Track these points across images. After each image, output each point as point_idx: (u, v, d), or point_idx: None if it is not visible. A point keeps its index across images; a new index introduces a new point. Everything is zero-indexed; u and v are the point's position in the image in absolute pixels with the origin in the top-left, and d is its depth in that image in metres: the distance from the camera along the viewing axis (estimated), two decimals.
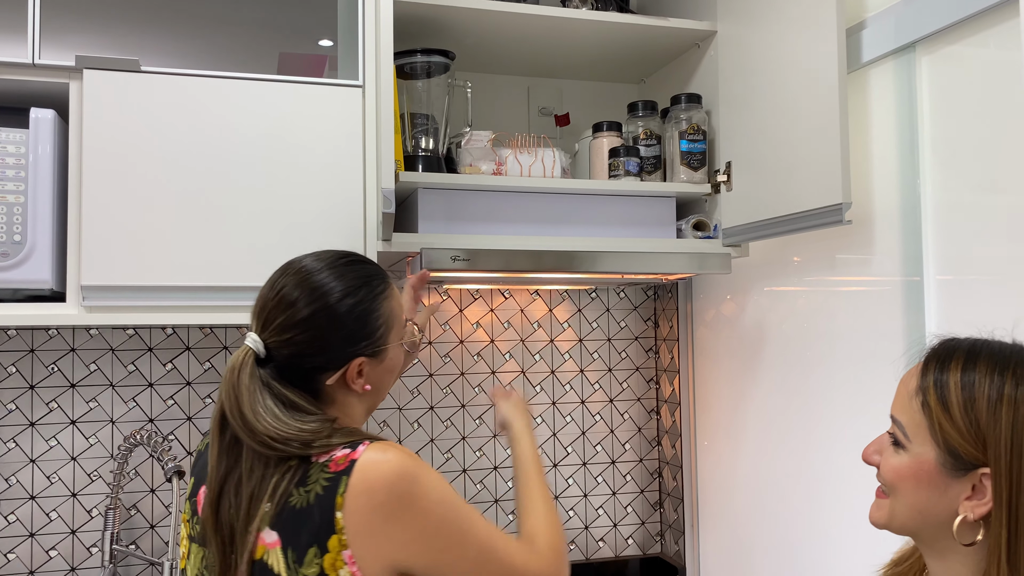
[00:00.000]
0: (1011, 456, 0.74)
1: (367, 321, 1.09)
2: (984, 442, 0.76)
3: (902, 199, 1.34)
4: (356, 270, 1.11)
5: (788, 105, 1.47)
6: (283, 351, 1.06)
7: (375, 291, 1.10)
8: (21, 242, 1.37)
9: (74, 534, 1.75)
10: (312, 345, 1.05)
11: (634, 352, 2.14)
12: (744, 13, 1.61)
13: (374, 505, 0.97)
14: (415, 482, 0.98)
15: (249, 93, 1.48)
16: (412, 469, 0.99)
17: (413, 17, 1.63)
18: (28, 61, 1.39)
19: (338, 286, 1.08)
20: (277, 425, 1.00)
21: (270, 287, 1.09)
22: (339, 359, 1.07)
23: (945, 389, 0.79)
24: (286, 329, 1.05)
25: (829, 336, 1.51)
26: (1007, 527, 0.74)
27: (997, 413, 0.76)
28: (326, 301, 1.06)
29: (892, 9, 1.34)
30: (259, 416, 1.01)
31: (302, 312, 1.05)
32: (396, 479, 0.98)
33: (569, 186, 1.65)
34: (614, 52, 1.88)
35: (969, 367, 0.79)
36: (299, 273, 1.09)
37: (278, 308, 1.06)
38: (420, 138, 1.67)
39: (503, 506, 2.03)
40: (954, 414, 0.78)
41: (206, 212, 1.45)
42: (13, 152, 1.38)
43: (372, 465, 0.98)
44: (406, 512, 0.98)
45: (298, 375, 1.06)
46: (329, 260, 1.11)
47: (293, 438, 1.00)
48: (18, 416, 1.73)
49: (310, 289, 1.07)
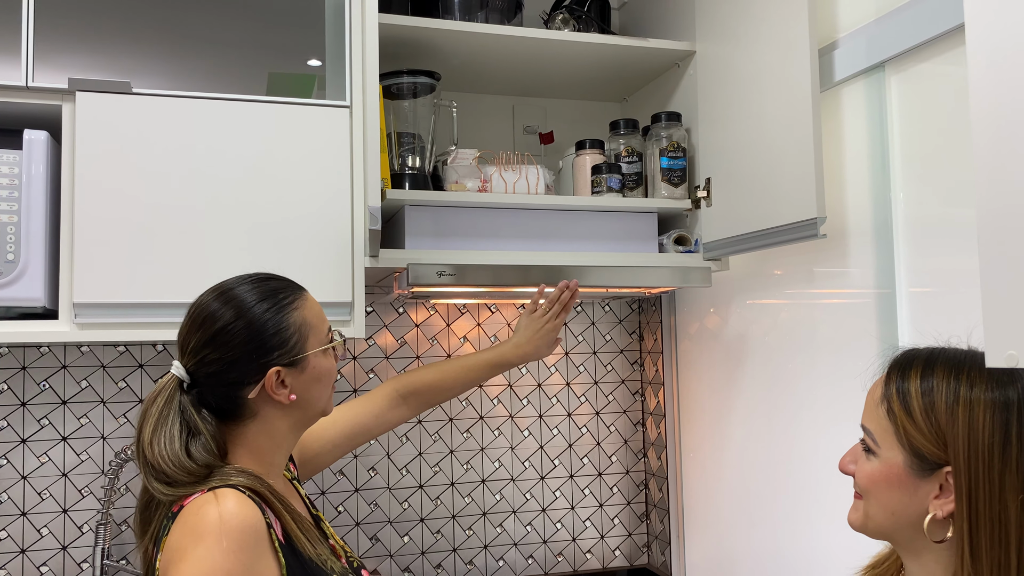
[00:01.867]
0: (969, 453, 0.79)
1: (277, 331, 1.11)
2: (945, 442, 0.80)
3: (875, 213, 1.38)
4: (263, 286, 1.14)
5: (764, 123, 1.51)
6: (202, 371, 1.09)
7: (282, 302, 1.13)
8: (14, 261, 1.40)
9: (65, 550, 1.76)
10: (225, 360, 1.08)
11: (619, 365, 2.17)
12: (722, 34, 1.66)
13: (169, 547, 1.01)
14: (194, 543, 0.97)
15: (238, 113, 1.51)
16: (207, 530, 0.97)
17: (400, 39, 1.67)
18: (22, 84, 1.42)
19: (245, 300, 1.11)
20: (167, 451, 1.04)
21: (186, 315, 1.14)
22: (254, 370, 1.09)
23: (907, 396, 0.84)
24: (200, 349, 1.09)
25: (809, 347, 1.54)
26: (968, 520, 0.78)
27: (955, 414, 0.80)
28: (233, 315, 1.10)
29: (862, 30, 1.39)
30: (156, 440, 1.04)
31: (211, 329, 1.09)
32: (186, 530, 0.99)
33: (553, 202, 1.69)
34: (596, 72, 1.92)
35: (928, 374, 0.83)
36: (209, 296, 1.13)
37: (191, 331, 1.11)
38: (407, 156, 1.71)
39: (490, 519, 2.05)
40: (916, 418, 0.82)
41: (197, 230, 1.48)
42: (7, 172, 1.41)
43: (187, 513, 1.01)
44: (173, 566, 0.98)
45: (220, 393, 1.10)
46: (238, 279, 1.15)
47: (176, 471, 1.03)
48: (9, 433, 1.75)
49: (216, 308, 1.10)
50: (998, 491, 0.78)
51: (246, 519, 0.99)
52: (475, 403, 2.06)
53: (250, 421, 1.11)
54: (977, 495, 0.78)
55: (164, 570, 1.00)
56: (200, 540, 0.96)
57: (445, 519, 2.02)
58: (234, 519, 0.98)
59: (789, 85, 1.44)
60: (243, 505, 1.00)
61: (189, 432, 1.06)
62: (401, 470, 2.00)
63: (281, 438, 1.15)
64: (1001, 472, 0.78)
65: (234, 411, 1.11)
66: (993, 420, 0.79)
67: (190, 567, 0.95)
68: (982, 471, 0.78)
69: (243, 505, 1.00)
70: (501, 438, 2.07)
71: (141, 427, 1.07)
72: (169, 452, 1.03)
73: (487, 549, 2.05)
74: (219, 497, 1.00)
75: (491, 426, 2.07)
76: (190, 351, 1.10)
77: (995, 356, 0.71)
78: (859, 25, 1.40)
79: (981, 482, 0.78)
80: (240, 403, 1.10)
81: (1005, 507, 0.77)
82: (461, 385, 1.53)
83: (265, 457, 1.13)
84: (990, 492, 0.78)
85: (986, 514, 0.78)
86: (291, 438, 1.17)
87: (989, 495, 0.78)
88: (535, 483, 2.09)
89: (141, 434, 1.06)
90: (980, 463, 0.78)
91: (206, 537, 0.96)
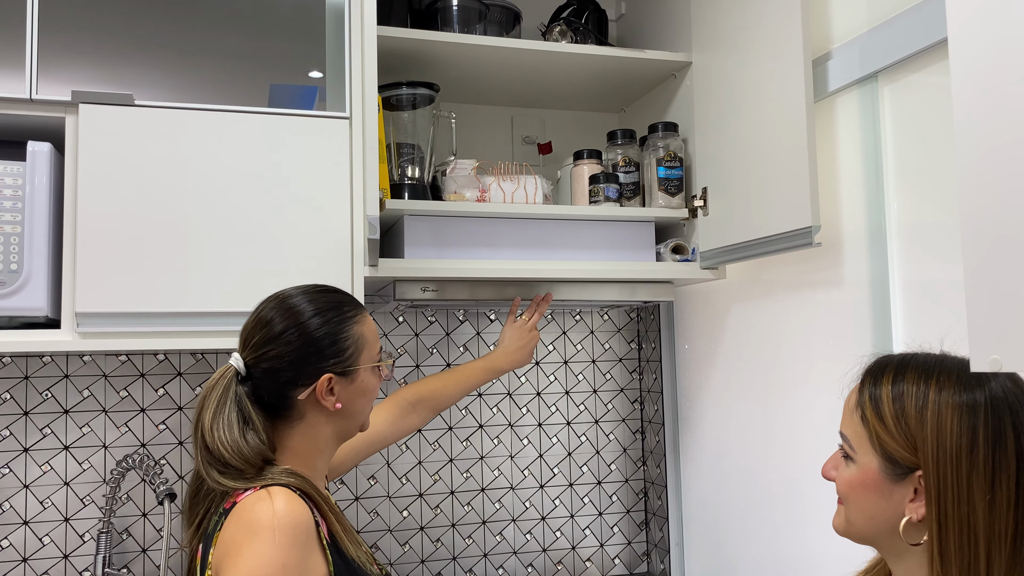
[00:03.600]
0: (937, 456, 0.80)
1: (335, 340, 1.18)
2: (915, 445, 0.81)
3: (869, 221, 1.40)
4: (329, 296, 1.22)
5: (759, 133, 1.53)
6: (260, 367, 1.16)
7: (345, 314, 1.21)
8: (17, 271, 1.42)
9: (67, 559, 1.77)
10: (284, 359, 1.15)
11: (618, 373, 2.18)
12: (717, 45, 1.68)
13: (223, 540, 1.05)
14: (250, 539, 1.01)
15: (239, 125, 1.53)
16: (261, 525, 1.01)
17: (399, 51, 1.69)
18: (26, 96, 1.44)
19: (309, 307, 1.19)
20: (226, 437, 1.09)
21: (253, 313, 1.21)
22: (308, 373, 1.16)
23: (879, 401, 0.85)
24: (261, 346, 1.16)
25: (806, 354, 1.55)
26: (937, 522, 0.80)
27: (923, 418, 0.82)
28: (297, 319, 1.17)
29: (855, 41, 1.41)
30: (216, 425, 1.10)
31: (276, 329, 1.16)
32: (241, 524, 1.03)
33: (551, 212, 1.70)
34: (594, 83, 1.94)
35: (899, 379, 0.85)
36: (277, 298, 1.21)
37: (256, 328, 1.18)
38: (406, 167, 1.72)
39: (490, 528, 2.06)
40: (888, 423, 0.84)
41: (198, 240, 1.49)
42: (11, 184, 1.43)
43: (241, 508, 1.05)
44: (228, 559, 1.02)
45: (272, 390, 1.16)
46: (305, 288, 1.23)
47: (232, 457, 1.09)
48: (12, 442, 1.76)
49: (284, 310, 1.18)
50: (966, 493, 0.78)
51: (298, 516, 1.04)
52: (474, 412, 2.07)
53: (296, 422, 1.17)
54: (946, 497, 0.79)
55: (219, 564, 1.04)
56: (255, 535, 1.01)
57: (445, 527, 2.03)
58: (287, 515, 1.02)
59: (783, 95, 1.45)
60: (294, 502, 1.05)
61: (244, 421, 1.12)
62: (401, 479, 2.01)
63: (324, 444, 1.20)
64: (968, 474, 0.79)
65: (282, 410, 1.17)
66: (960, 423, 0.80)
67: (246, 561, 0.99)
68: (950, 473, 0.79)
69: (294, 502, 1.05)
70: (500, 447, 2.08)
71: (201, 412, 1.13)
72: (228, 437, 1.09)
73: (487, 557, 2.06)
74: (272, 494, 1.05)
75: (491, 435, 2.08)
76: (252, 346, 1.17)
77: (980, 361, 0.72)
78: (852, 36, 1.42)
79: (949, 484, 0.79)
80: (289, 403, 1.16)
81: (973, 508, 0.78)
82: (461, 391, 1.65)
83: (308, 460, 1.19)
84: (958, 494, 0.79)
85: (954, 516, 0.79)
86: (332, 446, 1.23)
87: (957, 497, 0.79)
88: (535, 491, 2.10)
89: (201, 419, 1.12)
90: (948, 466, 0.79)
91: (261, 532, 1.01)
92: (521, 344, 1.70)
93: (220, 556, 1.04)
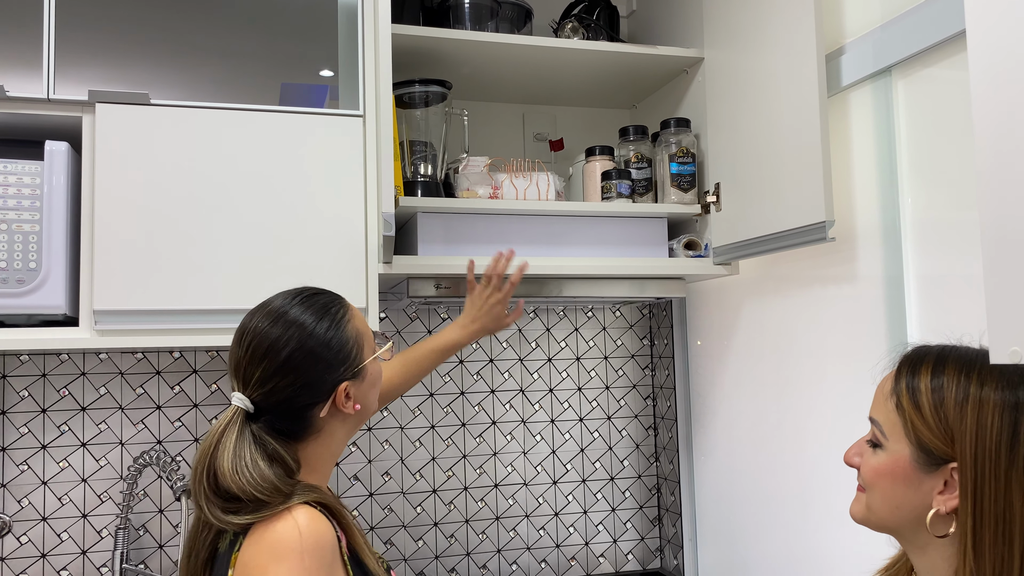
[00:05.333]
0: (976, 450, 0.80)
1: (340, 348, 1.12)
2: (952, 438, 0.81)
3: (883, 216, 1.40)
4: (313, 303, 1.13)
5: (772, 128, 1.53)
6: (270, 400, 1.08)
7: (337, 316, 1.13)
8: (36, 269, 1.43)
9: (85, 554, 1.79)
10: (296, 385, 1.08)
11: (631, 370, 2.19)
12: (730, 40, 1.68)
13: (243, 563, 1.00)
14: (276, 561, 0.97)
15: (254, 123, 1.54)
16: (288, 548, 0.98)
17: (411, 49, 1.69)
18: (43, 96, 1.45)
19: (304, 322, 1.10)
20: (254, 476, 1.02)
21: (238, 342, 1.11)
22: (324, 390, 1.10)
23: (916, 392, 0.85)
24: (268, 379, 1.08)
25: (819, 350, 1.55)
26: (972, 516, 0.80)
27: (963, 412, 0.81)
28: (297, 342, 1.09)
29: (869, 35, 1.40)
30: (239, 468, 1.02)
31: (278, 359, 1.08)
32: (264, 547, 0.99)
33: (563, 208, 1.71)
34: (605, 79, 1.94)
35: (938, 371, 0.85)
36: (264, 318, 1.11)
37: (253, 361, 1.08)
38: (419, 164, 1.73)
39: (503, 523, 2.07)
40: (925, 413, 0.84)
41: (214, 238, 1.50)
42: (29, 183, 1.44)
43: (262, 529, 1.00)
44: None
45: (290, 417, 1.10)
46: (284, 302, 1.13)
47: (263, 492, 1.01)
48: (30, 439, 1.78)
49: (277, 335, 1.09)
50: (1003, 489, 0.79)
51: (323, 535, 1.00)
52: (488, 408, 2.07)
53: (314, 436, 1.12)
54: (983, 492, 0.79)
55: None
56: (283, 559, 0.97)
57: (459, 523, 2.04)
58: (312, 536, 0.99)
59: (797, 90, 1.45)
60: (318, 521, 1.01)
61: (268, 457, 1.05)
62: (415, 475, 2.01)
63: (338, 447, 1.17)
64: (1007, 471, 0.79)
65: (301, 431, 1.11)
66: (1002, 419, 0.80)
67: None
68: (988, 469, 0.79)
69: (318, 521, 1.01)
70: (514, 443, 2.09)
71: (215, 460, 1.04)
72: (259, 478, 1.02)
73: (500, 553, 2.06)
74: (294, 514, 1.00)
75: (504, 431, 2.08)
76: (255, 382, 1.08)
77: (999, 353, 0.72)
78: (866, 30, 1.42)
79: (987, 479, 0.79)
80: (309, 422, 1.11)
81: (1010, 505, 0.78)
82: (425, 370, 1.54)
83: (322, 468, 1.15)
84: (995, 490, 0.79)
85: (991, 511, 0.79)
86: (344, 445, 1.19)
87: (994, 492, 0.79)
88: (548, 487, 2.11)
89: (217, 467, 1.03)
90: (987, 461, 0.79)
91: (289, 556, 0.97)
92: (477, 314, 1.54)
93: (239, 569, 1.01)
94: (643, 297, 1.86)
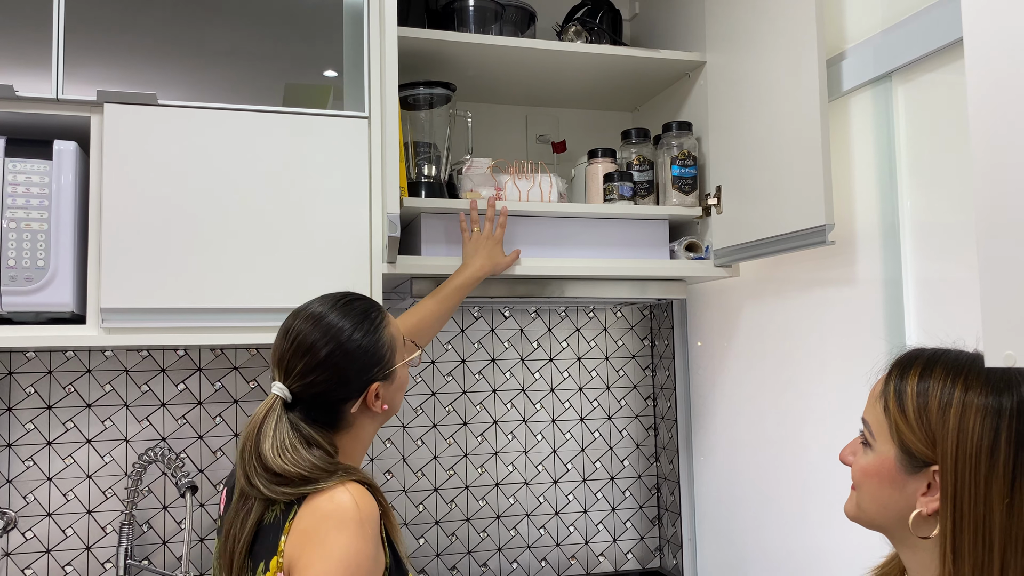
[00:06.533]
0: (956, 454, 0.81)
1: (376, 350, 1.21)
2: (934, 441, 0.83)
3: (882, 220, 1.41)
4: (355, 306, 1.23)
5: (774, 132, 1.54)
6: (308, 392, 1.17)
7: (375, 321, 1.22)
8: (44, 267, 1.44)
9: (89, 550, 1.80)
10: (333, 382, 1.17)
11: (631, 370, 2.20)
12: (731, 45, 1.69)
13: (300, 530, 1.07)
14: (338, 529, 1.04)
15: (261, 124, 1.56)
16: (349, 517, 1.05)
17: (416, 51, 1.71)
18: (52, 96, 1.47)
19: (345, 325, 1.19)
20: (295, 459, 1.10)
21: (283, 337, 1.20)
22: (357, 388, 1.19)
23: (903, 395, 0.86)
24: (307, 373, 1.17)
25: (818, 352, 1.57)
26: (952, 519, 0.80)
27: (946, 415, 0.82)
28: (338, 340, 1.18)
29: (870, 41, 1.42)
30: (282, 452, 1.11)
31: (320, 355, 1.17)
32: (324, 515, 1.06)
33: (566, 210, 1.72)
34: (608, 82, 1.96)
35: (926, 375, 0.86)
36: (308, 320, 1.20)
37: (296, 356, 1.18)
38: (423, 165, 1.74)
39: (504, 522, 2.08)
40: (909, 416, 0.85)
41: (220, 237, 1.52)
42: (37, 182, 1.46)
43: (320, 499, 1.08)
44: (310, 547, 1.05)
45: (324, 409, 1.19)
46: (331, 303, 1.22)
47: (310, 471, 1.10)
48: (36, 435, 1.79)
49: (321, 333, 1.18)
50: (983, 494, 0.79)
51: (373, 509, 1.09)
52: (489, 408, 2.09)
53: (346, 430, 1.21)
54: (962, 496, 0.80)
55: (296, 553, 1.06)
56: (344, 526, 1.04)
57: (460, 522, 2.06)
58: (367, 507, 1.07)
59: (798, 95, 1.47)
60: (367, 496, 1.09)
61: (306, 442, 1.14)
62: (416, 473, 2.03)
63: (367, 441, 1.25)
64: (987, 475, 0.79)
65: (333, 423, 1.19)
66: (983, 425, 0.80)
67: (336, 551, 1.03)
68: (968, 473, 0.80)
69: (367, 496, 1.09)
70: (515, 442, 2.10)
71: (258, 443, 1.12)
72: (297, 459, 1.10)
73: (501, 551, 2.08)
74: (348, 487, 1.08)
75: (505, 430, 2.10)
76: (296, 375, 1.17)
77: (993, 356, 0.73)
78: (867, 36, 1.43)
79: (967, 484, 0.80)
80: (341, 416, 1.19)
81: (990, 511, 0.79)
82: (440, 319, 1.58)
83: (354, 458, 1.23)
84: (975, 494, 0.79)
85: (970, 516, 0.79)
86: (371, 439, 1.27)
87: (974, 497, 0.79)
88: (548, 487, 2.12)
89: (260, 449, 1.11)
90: (967, 465, 0.80)
91: (350, 524, 1.05)
92: (477, 256, 1.60)
93: (297, 546, 1.06)
94: (644, 298, 1.88)
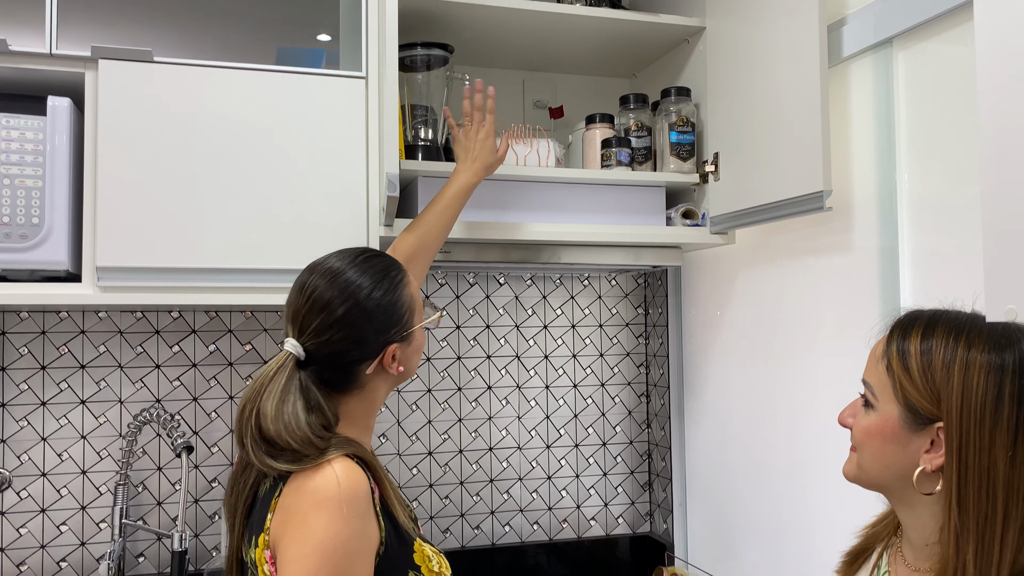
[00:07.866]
0: (961, 411, 0.83)
1: (395, 310, 1.17)
2: (939, 398, 0.84)
3: (880, 187, 1.42)
4: (375, 263, 1.18)
5: (772, 98, 1.54)
6: (322, 351, 1.13)
7: (395, 280, 1.18)
8: (39, 225, 1.43)
9: (84, 510, 1.81)
10: (349, 341, 1.13)
11: (625, 338, 2.21)
12: (731, 10, 1.69)
13: (283, 508, 1.05)
14: (316, 509, 1.02)
15: (257, 83, 1.54)
16: (327, 497, 1.02)
17: (414, 11, 1.69)
18: (46, 51, 1.45)
19: (365, 281, 1.15)
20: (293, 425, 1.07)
21: (298, 292, 1.16)
22: (375, 349, 1.15)
23: (906, 355, 0.88)
24: (323, 331, 1.13)
25: (813, 319, 1.58)
26: (957, 474, 0.83)
27: (950, 373, 0.84)
28: (356, 299, 1.14)
29: (871, 6, 1.41)
30: (281, 414, 1.07)
31: (336, 312, 1.13)
32: (304, 494, 1.03)
33: (563, 175, 1.72)
34: (607, 47, 1.95)
35: (928, 334, 0.88)
36: (325, 275, 1.15)
37: (312, 312, 1.13)
38: (420, 128, 1.73)
39: (497, 486, 2.10)
40: (913, 375, 0.87)
41: (215, 197, 1.51)
42: (31, 138, 1.44)
43: (303, 477, 1.05)
44: (291, 526, 1.03)
45: (338, 369, 1.15)
46: (350, 258, 1.18)
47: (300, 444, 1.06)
48: (30, 396, 1.79)
49: (339, 290, 1.14)
50: (987, 448, 0.81)
51: (360, 485, 1.05)
52: (483, 373, 2.10)
53: (357, 391, 1.17)
54: (967, 451, 0.82)
55: (279, 530, 1.05)
56: (323, 507, 1.01)
57: (453, 485, 2.07)
58: (351, 486, 1.03)
59: (797, 61, 1.47)
60: (354, 472, 1.05)
61: (309, 407, 1.10)
62: (411, 437, 2.04)
63: (379, 403, 1.22)
64: (992, 430, 0.81)
65: (346, 384, 1.16)
66: (987, 381, 0.82)
67: (313, 532, 1.01)
68: (973, 428, 0.82)
69: (354, 472, 1.05)
70: (508, 407, 2.11)
71: (260, 401, 1.08)
72: (295, 425, 1.07)
73: (494, 515, 2.10)
74: (333, 465, 1.05)
75: (499, 396, 2.11)
76: (311, 332, 1.13)
77: (995, 311, 0.74)
78: (867, 1, 1.43)
79: (972, 439, 0.82)
80: (355, 377, 1.16)
81: (994, 463, 0.81)
82: (442, 233, 1.50)
83: (363, 422, 1.19)
84: (979, 448, 0.82)
85: (975, 469, 0.82)
86: (382, 402, 1.23)
87: (979, 451, 0.82)
88: (541, 451, 2.14)
89: (261, 408, 1.07)
90: (972, 421, 0.82)
91: (328, 504, 1.01)
92: (471, 152, 1.53)
93: (280, 523, 1.05)
94: (639, 265, 1.88)
